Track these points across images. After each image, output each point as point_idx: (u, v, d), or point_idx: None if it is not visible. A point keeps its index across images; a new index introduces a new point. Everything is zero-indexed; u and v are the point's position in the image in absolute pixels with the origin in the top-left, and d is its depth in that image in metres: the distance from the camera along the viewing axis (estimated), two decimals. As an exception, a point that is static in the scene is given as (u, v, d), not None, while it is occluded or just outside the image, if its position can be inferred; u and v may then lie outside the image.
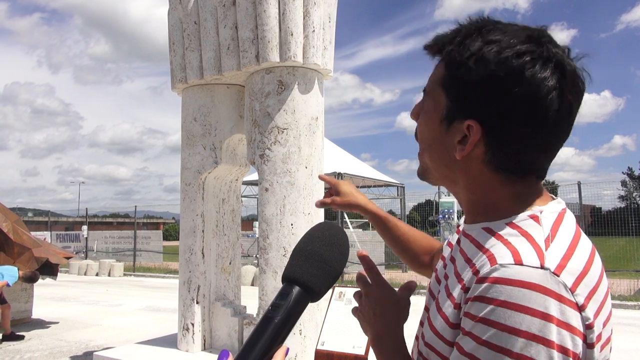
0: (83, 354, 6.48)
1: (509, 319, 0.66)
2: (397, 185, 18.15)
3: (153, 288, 13.77)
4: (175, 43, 4.41)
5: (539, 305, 0.66)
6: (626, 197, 38.24)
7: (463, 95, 0.78)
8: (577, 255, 0.72)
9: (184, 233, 4.43)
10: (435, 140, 0.83)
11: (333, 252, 0.80)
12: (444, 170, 0.85)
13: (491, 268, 0.70)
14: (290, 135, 3.89)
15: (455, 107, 0.80)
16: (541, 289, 0.67)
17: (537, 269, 0.68)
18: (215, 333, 4.33)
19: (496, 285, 0.68)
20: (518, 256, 0.70)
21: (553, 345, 0.65)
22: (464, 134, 0.79)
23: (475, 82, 0.76)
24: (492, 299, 0.68)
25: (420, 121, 0.88)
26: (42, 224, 28.78)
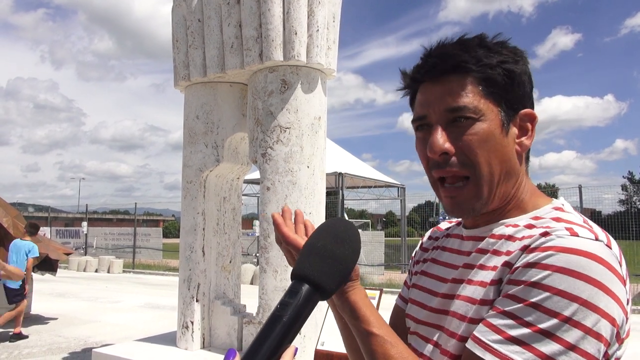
0: (82, 350, 6.48)
1: (564, 284, 0.67)
2: (397, 186, 18.14)
3: (152, 285, 13.77)
4: (178, 40, 4.41)
5: (595, 273, 0.68)
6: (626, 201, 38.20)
7: (511, 93, 0.83)
8: (612, 239, 0.76)
9: (184, 231, 4.42)
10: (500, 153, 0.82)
11: (345, 248, 0.77)
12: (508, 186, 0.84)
13: (547, 238, 0.72)
14: (292, 135, 3.88)
15: (509, 107, 0.83)
16: (598, 259, 0.69)
17: (593, 240, 0.71)
18: (214, 331, 4.32)
19: (555, 254, 0.70)
20: (573, 230, 0.73)
21: (602, 312, 0.67)
22: (518, 127, 0.85)
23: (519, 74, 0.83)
24: (549, 265, 0.69)
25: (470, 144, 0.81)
26: (42, 220, 28.78)
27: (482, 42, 0.84)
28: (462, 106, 0.81)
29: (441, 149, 0.82)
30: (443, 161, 0.83)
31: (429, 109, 0.84)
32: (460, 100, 0.81)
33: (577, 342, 0.66)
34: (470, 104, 0.80)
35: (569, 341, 0.66)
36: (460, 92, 0.81)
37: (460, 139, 0.81)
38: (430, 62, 0.85)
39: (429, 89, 0.85)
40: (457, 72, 0.82)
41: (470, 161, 0.81)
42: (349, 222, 0.83)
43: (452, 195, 0.84)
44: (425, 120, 0.85)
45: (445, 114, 0.82)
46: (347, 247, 0.78)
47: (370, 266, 14.71)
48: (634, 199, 43.97)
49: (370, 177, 16.60)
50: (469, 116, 0.81)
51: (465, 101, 0.81)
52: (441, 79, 0.83)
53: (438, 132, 0.82)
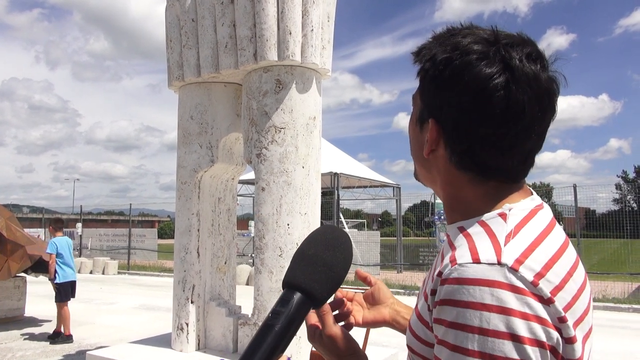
0: (76, 352, 6.44)
1: (476, 319, 0.66)
2: (393, 185, 18.15)
3: (147, 286, 13.71)
4: (172, 40, 4.38)
5: (499, 301, 0.65)
6: (620, 200, 38.43)
7: (426, 95, 0.84)
8: (540, 251, 0.72)
9: (179, 232, 4.39)
10: (414, 141, 0.88)
11: (336, 256, 0.76)
12: (422, 170, 0.89)
13: (451, 269, 0.71)
14: (287, 135, 3.86)
15: (424, 107, 0.84)
16: (498, 285, 0.66)
17: (493, 265, 0.68)
18: (209, 333, 4.30)
19: (455, 287, 0.68)
20: (476, 254, 0.70)
21: (523, 339, 0.64)
22: (428, 133, 0.84)
23: (429, 82, 0.81)
24: (456, 301, 0.68)
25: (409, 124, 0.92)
26: (36, 221, 28.62)
27: (446, 31, 0.83)
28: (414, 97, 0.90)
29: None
30: None
31: None
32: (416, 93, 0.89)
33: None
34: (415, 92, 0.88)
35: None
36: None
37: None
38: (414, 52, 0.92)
39: None
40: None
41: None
42: (340, 229, 0.83)
43: None
44: None
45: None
46: (339, 254, 0.77)
47: (366, 266, 14.71)
48: (628, 197, 44.22)
49: (366, 177, 16.61)
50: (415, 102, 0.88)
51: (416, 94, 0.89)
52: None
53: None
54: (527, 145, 0.78)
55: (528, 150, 0.79)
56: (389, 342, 5.69)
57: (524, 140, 0.77)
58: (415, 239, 25.20)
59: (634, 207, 31.77)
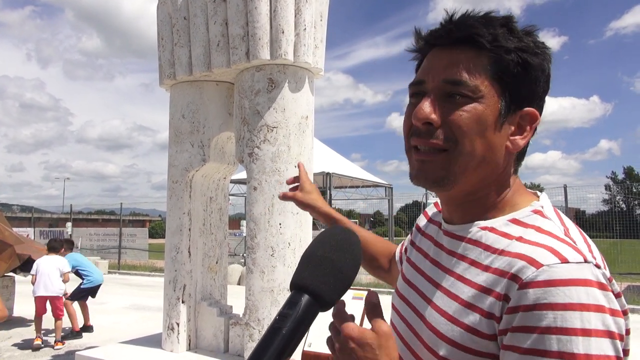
0: (65, 353, 6.37)
1: (577, 321, 0.63)
2: (385, 185, 18.19)
3: (138, 286, 13.62)
4: (164, 38, 4.35)
5: (595, 299, 0.65)
6: (610, 200, 38.74)
7: (520, 85, 0.77)
8: (589, 242, 0.74)
9: (170, 231, 4.36)
10: (485, 139, 0.77)
11: (345, 257, 0.74)
12: (484, 170, 0.79)
13: (538, 271, 0.67)
14: (279, 134, 3.85)
15: (513, 99, 0.78)
16: (592, 284, 0.66)
17: (583, 263, 0.67)
18: (200, 333, 4.27)
19: (550, 289, 0.65)
20: (559, 254, 0.68)
21: (615, 335, 0.65)
22: (516, 124, 0.80)
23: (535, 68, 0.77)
24: (552, 305, 0.64)
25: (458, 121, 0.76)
26: (25, 220, 28.34)
27: (506, 23, 0.78)
28: (461, 81, 0.76)
29: (426, 117, 0.77)
30: (426, 131, 0.78)
31: (429, 75, 0.80)
32: (462, 74, 0.76)
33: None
34: (471, 82, 0.75)
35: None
36: (465, 66, 0.76)
37: (450, 114, 0.76)
38: (446, 28, 0.79)
39: (436, 55, 0.80)
40: (470, 45, 0.77)
41: (454, 136, 0.76)
42: (349, 230, 0.80)
43: (424, 159, 0.80)
44: (422, 86, 0.80)
45: (442, 85, 0.77)
46: (348, 255, 0.75)
47: (358, 266, 14.69)
48: (617, 198, 44.65)
49: (358, 177, 16.63)
50: (466, 94, 0.76)
51: (466, 77, 0.76)
52: (452, 48, 0.78)
53: (428, 100, 0.78)
54: None
55: None
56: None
57: None
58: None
59: (623, 208, 32.11)
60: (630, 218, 15.92)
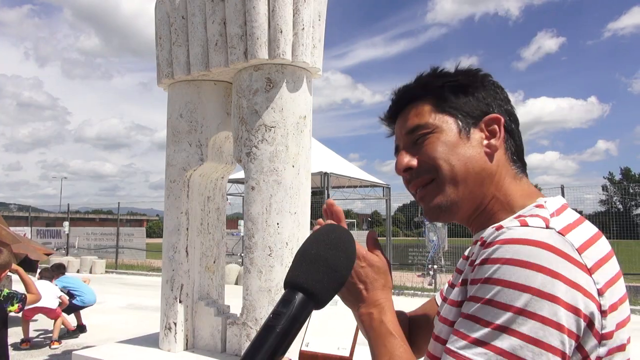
0: (62, 352, 6.36)
1: (513, 275, 0.66)
2: (383, 185, 18.19)
3: (135, 286, 13.60)
4: (162, 37, 4.34)
5: (545, 261, 0.66)
6: (607, 201, 38.78)
7: (466, 104, 0.89)
8: (582, 228, 0.74)
9: (167, 231, 4.36)
10: (457, 151, 0.86)
11: (339, 256, 0.74)
12: (477, 185, 0.86)
13: (498, 232, 0.72)
14: (277, 134, 3.85)
15: (465, 116, 0.88)
16: (547, 247, 0.67)
17: (542, 228, 0.71)
18: (198, 332, 4.27)
19: (502, 246, 0.69)
20: (524, 221, 0.73)
21: (559, 301, 0.65)
22: (483, 134, 0.88)
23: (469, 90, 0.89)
24: (497, 259, 0.68)
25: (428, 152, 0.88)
26: (23, 220, 28.25)
27: (432, 72, 0.93)
28: (415, 125, 0.90)
29: (403, 165, 0.90)
30: (410, 176, 0.90)
31: (398, 140, 0.95)
32: (413, 121, 0.90)
33: (534, 334, 0.64)
34: (422, 122, 0.89)
35: (525, 333, 0.64)
36: (414, 116, 0.91)
37: (420, 152, 0.89)
38: (393, 105, 0.97)
39: (397, 124, 0.96)
40: (412, 102, 0.92)
41: (431, 165, 0.87)
42: (343, 228, 0.81)
43: (422, 196, 0.90)
44: (397, 151, 0.95)
45: (406, 138, 0.91)
46: (342, 254, 0.75)
47: (356, 266, 14.69)
48: (614, 199, 44.74)
49: (356, 177, 16.63)
50: (424, 132, 0.88)
51: (416, 121, 0.90)
52: (402, 113, 0.94)
53: (401, 153, 0.92)
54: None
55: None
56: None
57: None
58: (404, 239, 25.31)
59: (619, 209, 32.18)
60: (627, 219, 15.98)
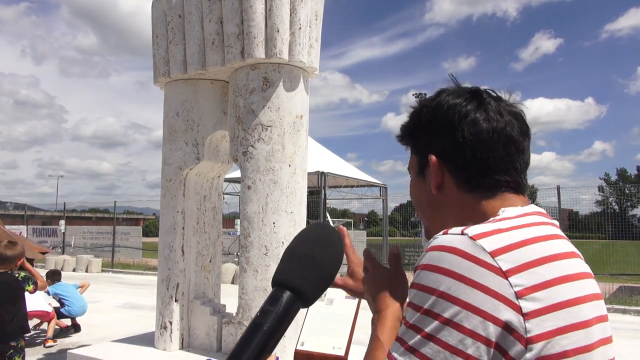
0: (57, 351, 6.35)
1: (424, 279, 0.71)
2: (379, 185, 18.22)
3: (131, 285, 13.58)
4: (158, 36, 4.34)
5: (451, 264, 0.69)
6: (603, 202, 38.97)
7: (417, 141, 0.95)
8: (510, 236, 0.73)
9: (163, 230, 4.35)
10: (421, 194, 0.95)
11: (327, 254, 0.75)
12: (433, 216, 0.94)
13: (428, 242, 0.78)
14: (274, 133, 3.85)
15: (420, 154, 0.94)
16: (456, 251, 0.70)
17: (456, 235, 0.74)
18: (193, 332, 4.27)
19: (425, 253, 0.75)
20: (445, 231, 0.77)
21: (461, 303, 0.66)
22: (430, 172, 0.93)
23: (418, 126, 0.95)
24: (419, 265, 0.74)
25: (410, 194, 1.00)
26: (18, 218, 28.17)
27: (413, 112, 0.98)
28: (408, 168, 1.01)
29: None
30: None
31: None
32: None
33: (434, 332, 0.67)
34: (408, 164, 1.00)
35: (427, 331, 0.68)
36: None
37: None
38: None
39: None
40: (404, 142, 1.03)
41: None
42: (330, 227, 0.81)
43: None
44: None
45: None
46: (330, 252, 0.76)
47: (352, 265, 14.71)
48: (610, 200, 44.90)
49: (353, 177, 16.64)
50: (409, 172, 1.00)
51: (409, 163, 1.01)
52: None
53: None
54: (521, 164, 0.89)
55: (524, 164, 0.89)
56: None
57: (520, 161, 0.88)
58: (401, 238, 25.33)
59: (615, 209, 32.33)
60: (622, 219, 16.05)
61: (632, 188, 41.00)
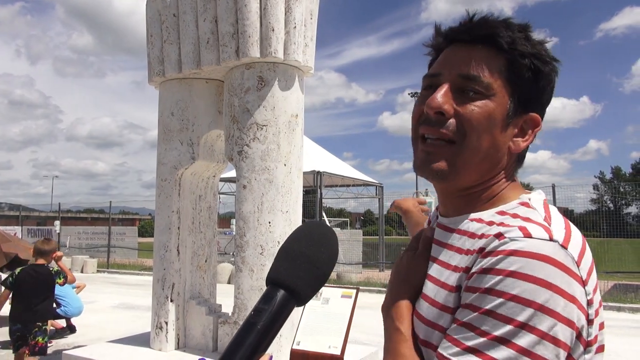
0: (52, 352, 6.31)
1: (517, 289, 0.66)
2: (375, 184, 18.24)
3: (127, 285, 13.53)
4: (153, 35, 4.31)
5: (550, 277, 0.66)
6: (597, 200, 39.10)
7: (529, 91, 0.81)
8: (574, 236, 0.74)
9: (158, 230, 4.34)
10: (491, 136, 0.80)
11: (321, 253, 0.74)
12: (486, 166, 0.82)
13: (500, 242, 0.70)
14: (269, 132, 3.84)
15: (520, 101, 0.81)
16: (551, 261, 0.67)
17: (546, 241, 0.69)
18: (189, 332, 4.25)
19: (507, 257, 0.68)
20: (526, 231, 0.71)
21: (559, 317, 0.65)
22: (519, 126, 0.83)
23: (545, 76, 0.81)
24: (501, 270, 0.67)
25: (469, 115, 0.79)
26: (13, 219, 28.04)
27: (523, 29, 0.81)
28: (477, 76, 0.79)
29: (439, 106, 0.79)
30: (436, 120, 0.80)
31: (446, 69, 0.82)
32: (478, 71, 0.79)
33: (531, 347, 0.64)
34: (485, 79, 0.79)
35: (522, 346, 0.64)
36: (481, 64, 0.79)
37: (462, 107, 0.79)
38: (467, 26, 0.83)
39: (454, 51, 0.83)
40: (488, 45, 0.80)
41: (464, 129, 0.79)
42: (325, 225, 0.80)
43: (430, 150, 0.82)
44: (437, 78, 0.83)
45: (458, 79, 0.80)
46: (324, 251, 0.75)
47: (349, 265, 14.74)
48: (604, 198, 45.10)
49: (349, 176, 16.65)
50: (479, 90, 0.79)
51: (481, 74, 0.79)
52: (470, 45, 0.81)
53: (443, 90, 0.80)
54: None
55: None
56: (370, 340, 5.71)
57: None
58: (397, 237, 25.36)
59: (610, 207, 32.50)
60: (617, 217, 16.15)
61: (626, 186, 41.22)
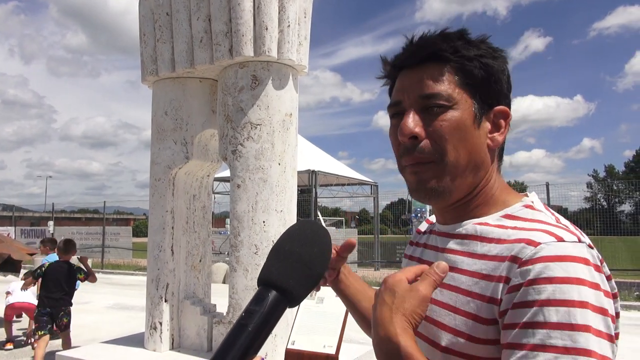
0: (46, 353, 6.27)
1: (573, 294, 0.66)
2: (370, 183, 18.25)
3: (121, 285, 13.48)
4: (146, 34, 4.29)
5: (591, 276, 0.68)
6: (591, 198, 39.31)
7: (487, 87, 0.83)
8: (584, 234, 0.77)
9: (152, 230, 4.32)
10: (466, 142, 0.82)
11: (314, 252, 0.73)
12: (473, 171, 0.84)
13: (535, 249, 0.70)
14: (263, 131, 3.83)
15: (482, 101, 0.84)
16: (587, 262, 0.70)
17: (577, 243, 0.71)
18: (184, 332, 4.24)
19: (549, 264, 0.68)
20: (555, 235, 0.72)
21: (607, 313, 0.67)
22: (491, 122, 0.86)
23: (497, 69, 0.84)
24: (550, 278, 0.67)
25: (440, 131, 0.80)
26: (6, 219, 27.83)
27: (462, 36, 0.85)
28: (436, 93, 0.81)
29: (411, 131, 0.81)
30: (412, 146, 0.83)
31: (404, 95, 0.85)
32: (435, 87, 0.81)
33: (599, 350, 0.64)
34: (444, 92, 0.81)
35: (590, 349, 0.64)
36: (435, 80, 0.82)
37: (431, 125, 0.81)
38: (409, 50, 0.86)
39: (406, 76, 0.86)
40: (435, 61, 0.83)
41: (439, 147, 0.81)
42: (317, 224, 0.79)
43: (416, 170, 0.84)
44: (400, 106, 0.86)
45: (419, 101, 0.83)
46: (316, 250, 0.74)
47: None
48: (598, 196, 45.35)
49: (344, 175, 16.65)
50: (442, 104, 0.81)
51: (439, 88, 0.81)
52: (419, 67, 0.84)
53: (410, 116, 0.82)
54: None
55: None
56: (365, 339, 5.70)
57: None
58: (392, 236, 25.42)
59: (604, 205, 32.65)
60: (611, 215, 16.24)
61: (620, 184, 41.47)
